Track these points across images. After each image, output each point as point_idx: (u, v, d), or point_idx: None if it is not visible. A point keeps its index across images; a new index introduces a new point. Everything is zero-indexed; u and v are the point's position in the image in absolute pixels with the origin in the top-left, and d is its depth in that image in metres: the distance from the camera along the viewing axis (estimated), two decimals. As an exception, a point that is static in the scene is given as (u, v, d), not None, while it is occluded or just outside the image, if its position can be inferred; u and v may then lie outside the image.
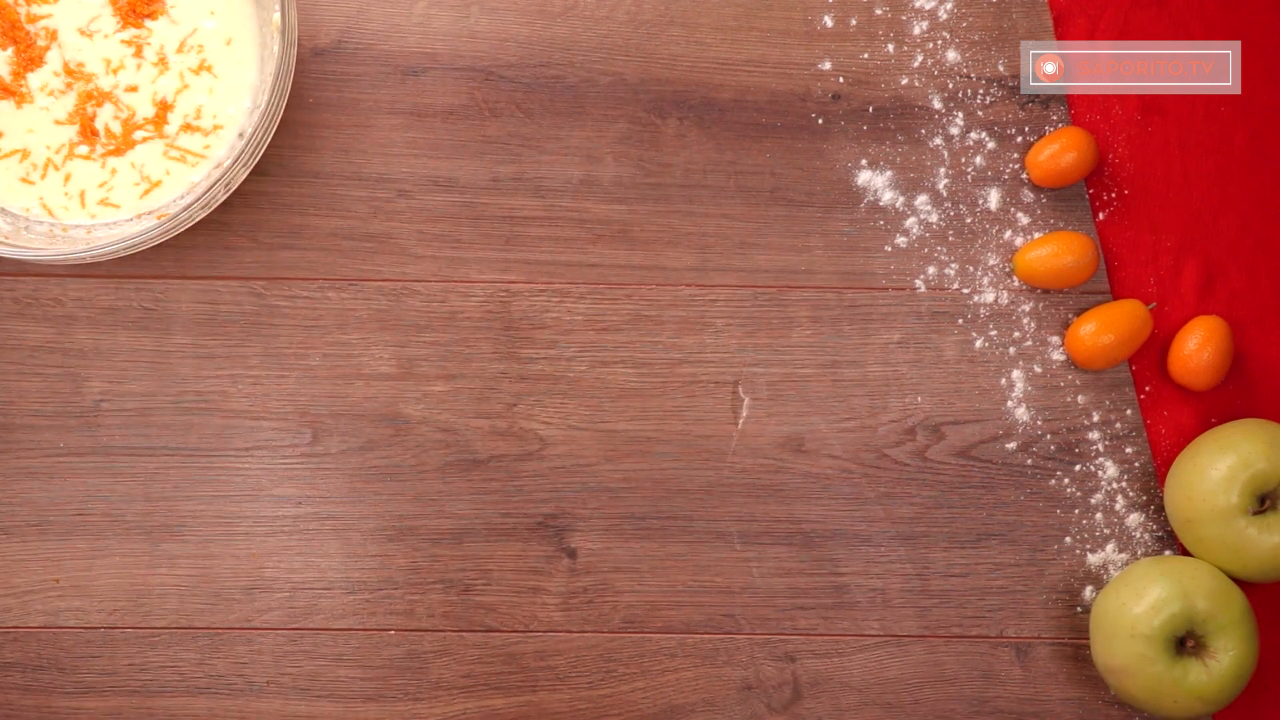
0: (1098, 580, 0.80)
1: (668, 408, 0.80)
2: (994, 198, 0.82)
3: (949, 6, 0.82)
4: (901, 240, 0.81)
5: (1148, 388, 0.81)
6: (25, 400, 0.80)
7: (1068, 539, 0.80)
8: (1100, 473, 0.81)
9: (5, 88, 0.77)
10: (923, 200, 0.82)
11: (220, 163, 0.78)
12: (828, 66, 0.82)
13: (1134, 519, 0.80)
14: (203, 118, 0.78)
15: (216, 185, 0.74)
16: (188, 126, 0.78)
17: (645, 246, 0.81)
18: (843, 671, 0.80)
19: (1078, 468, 0.81)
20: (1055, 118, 0.82)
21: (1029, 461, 0.81)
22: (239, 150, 0.74)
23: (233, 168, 0.74)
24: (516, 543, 0.80)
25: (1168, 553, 0.80)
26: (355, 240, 0.81)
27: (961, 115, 0.82)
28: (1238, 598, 0.74)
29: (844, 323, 0.81)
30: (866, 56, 0.82)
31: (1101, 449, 0.81)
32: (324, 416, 0.80)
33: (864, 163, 0.82)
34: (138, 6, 0.78)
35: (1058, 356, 0.81)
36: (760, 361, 0.81)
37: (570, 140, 0.81)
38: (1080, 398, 0.81)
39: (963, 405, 0.81)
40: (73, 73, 0.78)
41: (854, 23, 0.82)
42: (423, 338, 0.80)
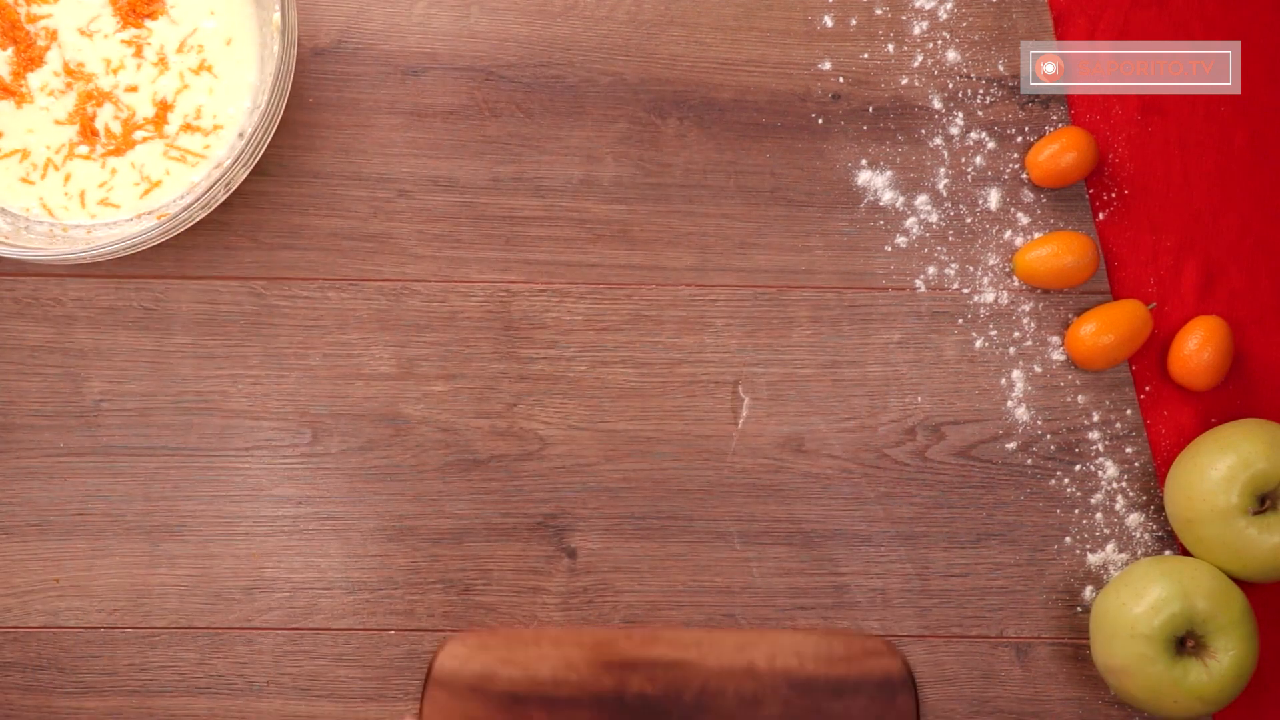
0: (1098, 580, 0.80)
1: (668, 408, 0.80)
2: (994, 198, 0.82)
3: (949, 6, 0.82)
4: (901, 240, 0.81)
5: (1148, 388, 0.81)
6: (25, 400, 0.79)
7: (1068, 539, 0.80)
8: (1100, 473, 0.81)
9: (5, 88, 0.77)
10: (923, 200, 0.81)
11: (220, 163, 0.78)
12: (828, 66, 0.82)
13: (1134, 519, 0.80)
14: (203, 118, 0.78)
15: (216, 185, 0.74)
16: (188, 126, 0.78)
17: (645, 246, 0.81)
18: (843, 671, 0.80)
19: (1078, 468, 0.81)
20: (1055, 118, 0.82)
21: (1029, 461, 0.81)
22: (239, 150, 0.74)
23: (233, 168, 0.74)
24: (516, 543, 0.80)
25: (1168, 553, 0.80)
26: (355, 240, 0.81)
27: (961, 115, 0.82)
28: (1238, 598, 0.74)
29: (844, 323, 0.81)
30: (866, 56, 0.82)
31: (1101, 449, 0.81)
32: (324, 416, 0.80)
33: (864, 163, 0.82)
34: (138, 6, 0.78)
35: (1058, 356, 0.81)
36: (760, 361, 0.81)
37: (570, 140, 0.81)
38: (1080, 398, 0.81)
39: (963, 405, 0.81)
40: (73, 73, 0.78)
41: (854, 23, 0.82)
42: (423, 338, 0.80)
